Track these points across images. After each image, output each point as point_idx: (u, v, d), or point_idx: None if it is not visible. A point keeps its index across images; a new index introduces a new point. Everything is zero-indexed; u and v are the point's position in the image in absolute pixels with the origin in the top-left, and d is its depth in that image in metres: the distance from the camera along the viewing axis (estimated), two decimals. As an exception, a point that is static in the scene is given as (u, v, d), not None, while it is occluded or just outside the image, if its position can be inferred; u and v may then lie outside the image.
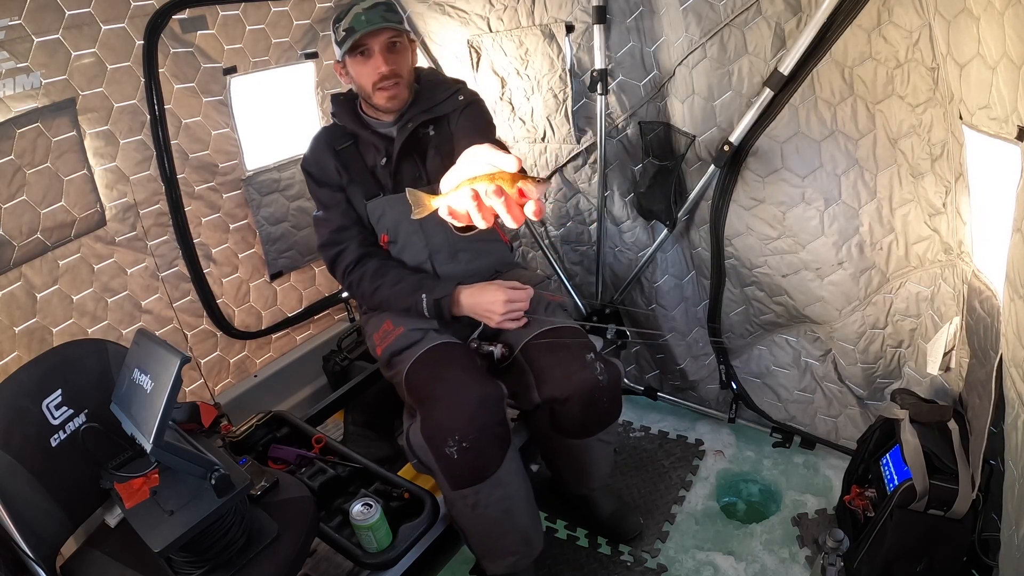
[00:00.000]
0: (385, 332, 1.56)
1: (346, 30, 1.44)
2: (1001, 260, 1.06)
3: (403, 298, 1.51)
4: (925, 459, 1.28)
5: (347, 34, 1.44)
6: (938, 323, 1.52)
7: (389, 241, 1.59)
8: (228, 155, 1.93)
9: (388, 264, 1.58)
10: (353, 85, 1.55)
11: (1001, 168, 1.01)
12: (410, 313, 1.53)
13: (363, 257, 1.58)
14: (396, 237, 1.58)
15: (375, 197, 1.56)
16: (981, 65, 0.99)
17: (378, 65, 1.46)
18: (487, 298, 1.47)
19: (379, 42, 1.45)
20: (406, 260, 1.60)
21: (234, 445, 1.68)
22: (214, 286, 1.98)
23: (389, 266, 1.57)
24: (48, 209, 1.53)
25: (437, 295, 1.48)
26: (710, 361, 2.08)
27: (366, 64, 1.47)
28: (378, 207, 1.56)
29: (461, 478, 1.34)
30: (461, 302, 1.50)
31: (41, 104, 1.45)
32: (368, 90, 1.50)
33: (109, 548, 1.19)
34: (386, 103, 1.51)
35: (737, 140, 1.62)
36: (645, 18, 1.70)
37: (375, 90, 1.49)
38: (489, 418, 1.33)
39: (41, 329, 1.57)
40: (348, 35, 1.44)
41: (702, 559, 1.69)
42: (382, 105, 1.52)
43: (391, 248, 1.60)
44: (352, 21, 1.43)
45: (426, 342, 1.49)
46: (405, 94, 1.53)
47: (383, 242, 1.59)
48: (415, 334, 1.52)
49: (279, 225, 2.10)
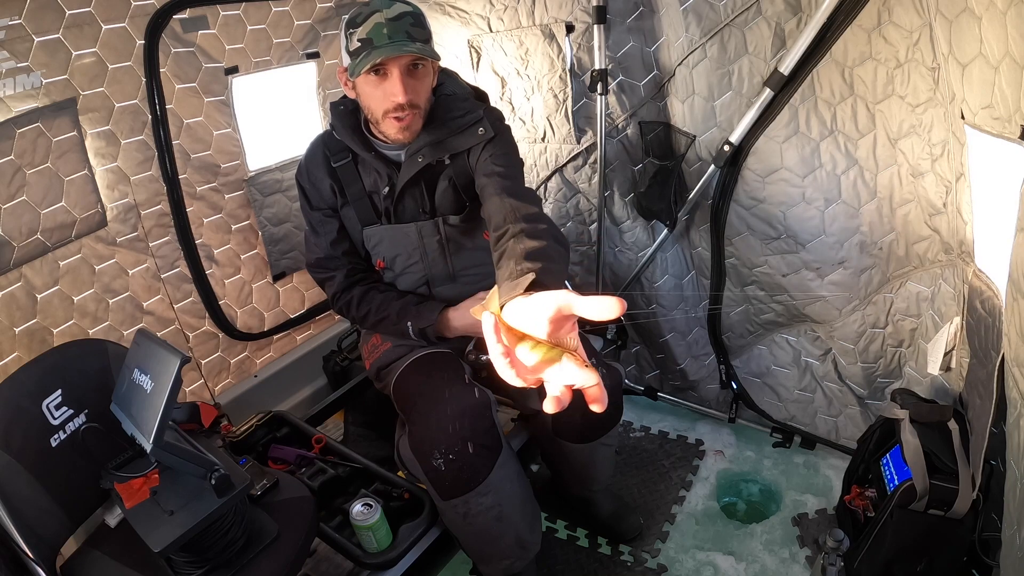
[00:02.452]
0: (373, 347, 1.56)
1: (362, 41, 1.20)
2: (1003, 260, 1.06)
3: (389, 326, 1.47)
4: (925, 459, 1.29)
5: (363, 47, 1.20)
6: (938, 323, 1.52)
7: (385, 268, 1.50)
8: (230, 155, 1.92)
9: (374, 290, 1.49)
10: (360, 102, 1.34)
11: (1004, 168, 1.01)
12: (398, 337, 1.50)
13: (349, 286, 1.50)
14: (392, 265, 1.49)
15: (372, 224, 1.46)
16: (983, 65, 0.99)
17: (394, 92, 1.23)
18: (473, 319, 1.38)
19: (400, 64, 1.22)
20: (401, 284, 1.52)
21: (234, 445, 1.68)
22: (216, 287, 1.97)
23: (375, 292, 1.49)
24: (48, 209, 1.52)
25: (421, 324, 1.41)
26: (710, 361, 2.08)
27: (380, 86, 1.25)
28: (375, 235, 1.46)
29: (449, 489, 1.32)
30: (451, 324, 1.43)
31: (41, 104, 1.45)
32: (377, 115, 1.29)
33: (109, 548, 1.19)
34: (396, 134, 1.31)
35: (737, 140, 1.62)
36: (645, 18, 1.70)
37: (386, 118, 1.28)
38: (475, 428, 1.31)
39: (42, 330, 1.57)
40: (365, 49, 1.20)
41: (702, 559, 1.69)
42: (391, 136, 1.33)
43: (386, 274, 1.51)
44: (372, 32, 1.19)
45: (412, 354, 1.47)
46: (419, 125, 1.33)
47: (378, 267, 1.51)
48: (401, 349, 1.50)
49: (282, 226, 2.10)
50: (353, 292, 1.50)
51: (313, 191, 1.46)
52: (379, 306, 1.47)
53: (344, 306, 1.51)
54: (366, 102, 1.30)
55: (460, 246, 1.48)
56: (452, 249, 1.47)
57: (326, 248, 1.49)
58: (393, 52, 1.18)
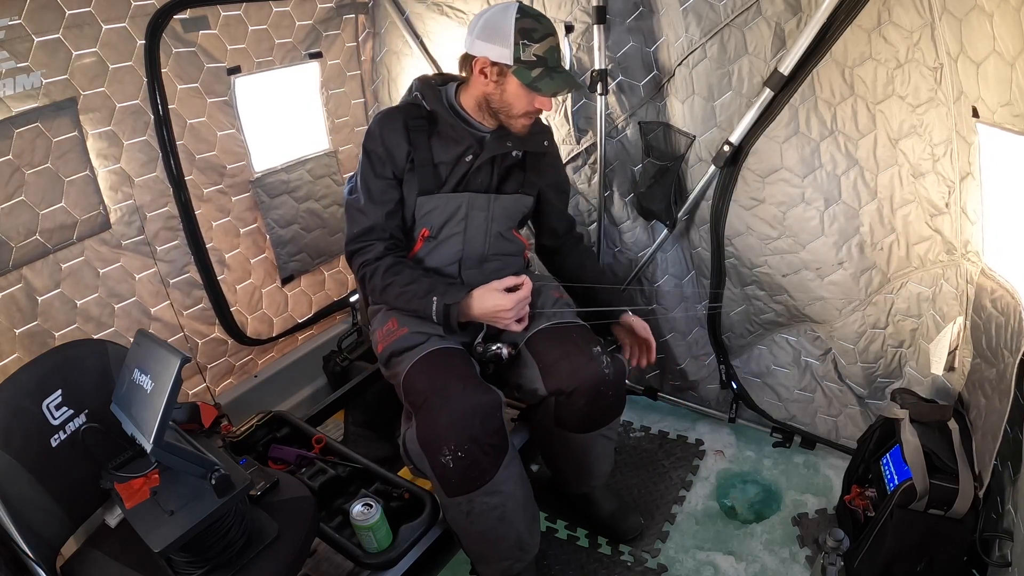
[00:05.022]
0: (388, 331, 1.54)
1: (538, 57, 1.36)
2: (1020, 257, 1.05)
3: (414, 298, 1.47)
4: (925, 459, 1.28)
5: (539, 64, 1.37)
6: (940, 323, 1.52)
7: (428, 236, 1.55)
8: (235, 156, 1.92)
9: (404, 263, 1.54)
10: (489, 95, 1.45)
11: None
12: (417, 315, 1.50)
13: (383, 255, 1.53)
14: (437, 234, 1.55)
15: (429, 193, 1.51)
16: (999, 61, 0.99)
17: (545, 104, 1.43)
18: (490, 304, 1.43)
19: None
20: (436, 258, 1.56)
21: (234, 445, 1.68)
22: (228, 293, 1.95)
23: (405, 264, 1.54)
24: (47, 210, 1.52)
25: (449, 300, 1.44)
26: (710, 361, 2.07)
27: (533, 95, 1.41)
28: (428, 203, 1.51)
29: (455, 486, 1.34)
30: (472, 308, 1.46)
31: (41, 104, 1.45)
32: (515, 113, 1.44)
33: (109, 548, 1.19)
34: (521, 130, 1.48)
35: (737, 140, 1.62)
36: (645, 18, 1.70)
37: (522, 117, 1.45)
38: (485, 427, 1.33)
39: (43, 332, 1.56)
40: (541, 66, 1.37)
41: (702, 559, 1.69)
42: (516, 129, 1.48)
43: (426, 244, 1.55)
44: (547, 54, 1.37)
45: (427, 346, 1.47)
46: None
47: (423, 236, 1.54)
48: (417, 337, 1.50)
49: (289, 228, 2.09)
50: (383, 261, 1.51)
51: (385, 156, 1.49)
52: (408, 278, 1.48)
53: (369, 273, 1.52)
54: (509, 99, 1.43)
55: (499, 231, 1.59)
56: (492, 230, 1.58)
57: (379, 217, 1.51)
58: (572, 85, 1.44)
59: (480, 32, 1.40)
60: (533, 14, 1.39)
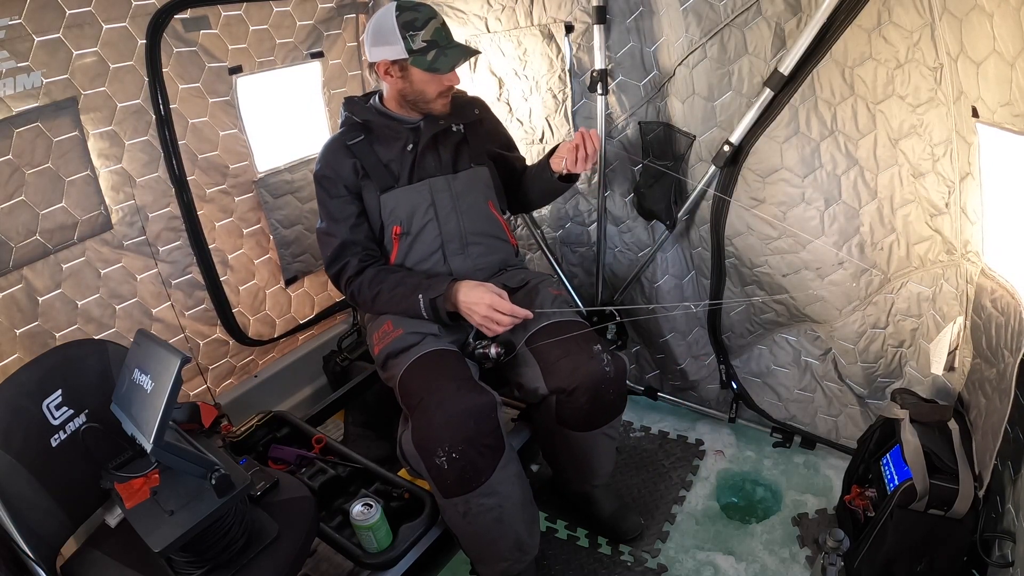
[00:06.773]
0: (384, 333, 1.56)
1: (428, 42, 1.44)
2: (1020, 257, 1.05)
3: (403, 300, 1.51)
4: (925, 459, 1.28)
5: (430, 47, 1.44)
6: (940, 323, 1.52)
7: (402, 233, 1.58)
8: (238, 156, 1.91)
9: (386, 268, 1.58)
10: (402, 91, 1.54)
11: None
12: (409, 315, 1.52)
13: (362, 270, 1.57)
14: (409, 228, 1.58)
15: (390, 189, 1.56)
16: (999, 61, 0.99)
17: (452, 79, 1.51)
18: (474, 297, 1.46)
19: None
20: (417, 251, 1.59)
21: (234, 445, 1.68)
22: (231, 294, 1.95)
23: (388, 270, 1.57)
24: (47, 210, 1.51)
25: (433, 294, 1.47)
26: (710, 361, 2.07)
27: (436, 76, 1.48)
28: (391, 199, 1.56)
29: (451, 487, 1.34)
30: (459, 296, 1.47)
31: (41, 104, 1.45)
32: (430, 97, 1.52)
33: (109, 548, 1.19)
34: (442, 109, 1.56)
35: (737, 140, 1.62)
36: (645, 18, 1.70)
37: (437, 98, 1.53)
38: (479, 428, 1.33)
39: (43, 333, 1.56)
40: (433, 48, 1.44)
41: (702, 559, 1.69)
42: (437, 111, 1.56)
43: (402, 241, 1.58)
44: (435, 35, 1.45)
45: (422, 347, 1.48)
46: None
47: (395, 234, 1.58)
48: (412, 337, 1.51)
49: (293, 228, 2.08)
50: (366, 274, 1.56)
51: (335, 177, 1.57)
52: (392, 283, 1.53)
53: (356, 289, 1.57)
54: (420, 88, 1.51)
55: (469, 206, 1.61)
56: (462, 207, 1.60)
57: (345, 233, 1.56)
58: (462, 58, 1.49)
59: (372, 39, 1.50)
60: (410, 6, 1.47)
